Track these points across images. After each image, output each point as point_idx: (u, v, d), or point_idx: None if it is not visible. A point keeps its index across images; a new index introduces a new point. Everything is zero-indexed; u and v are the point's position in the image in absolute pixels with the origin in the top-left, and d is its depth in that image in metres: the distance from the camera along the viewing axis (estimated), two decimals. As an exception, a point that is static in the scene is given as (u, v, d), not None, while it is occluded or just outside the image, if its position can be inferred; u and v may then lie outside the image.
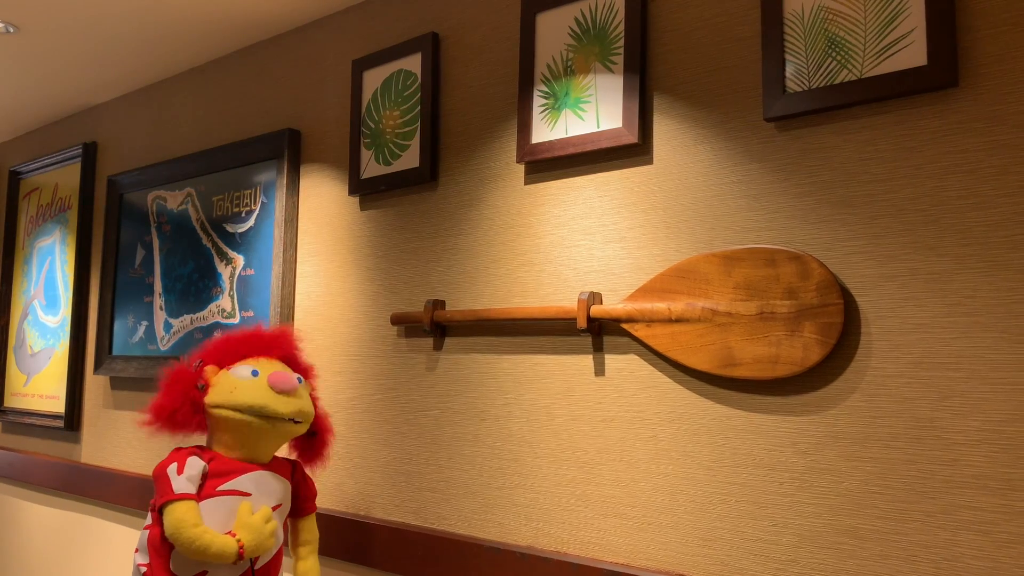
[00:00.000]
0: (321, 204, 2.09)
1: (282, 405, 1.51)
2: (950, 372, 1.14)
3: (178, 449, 1.51)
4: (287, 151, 2.14)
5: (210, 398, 1.52)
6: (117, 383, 2.67)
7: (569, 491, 1.52)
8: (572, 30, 1.59)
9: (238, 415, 1.49)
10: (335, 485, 1.94)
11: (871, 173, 1.23)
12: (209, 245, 2.35)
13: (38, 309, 3.04)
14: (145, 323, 2.54)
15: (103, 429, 2.70)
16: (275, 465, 1.58)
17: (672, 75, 1.47)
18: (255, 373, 1.52)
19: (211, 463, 1.49)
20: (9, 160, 3.38)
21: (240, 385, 1.50)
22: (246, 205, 2.25)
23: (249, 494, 1.50)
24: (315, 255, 2.09)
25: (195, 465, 1.47)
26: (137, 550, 1.52)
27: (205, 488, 1.47)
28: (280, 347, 1.60)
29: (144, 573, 1.47)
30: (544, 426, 1.58)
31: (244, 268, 2.22)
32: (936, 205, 1.17)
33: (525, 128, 1.63)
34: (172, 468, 1.45)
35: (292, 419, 1.52)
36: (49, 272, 3.01)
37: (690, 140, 1.43)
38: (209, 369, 1.55)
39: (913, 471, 1.16)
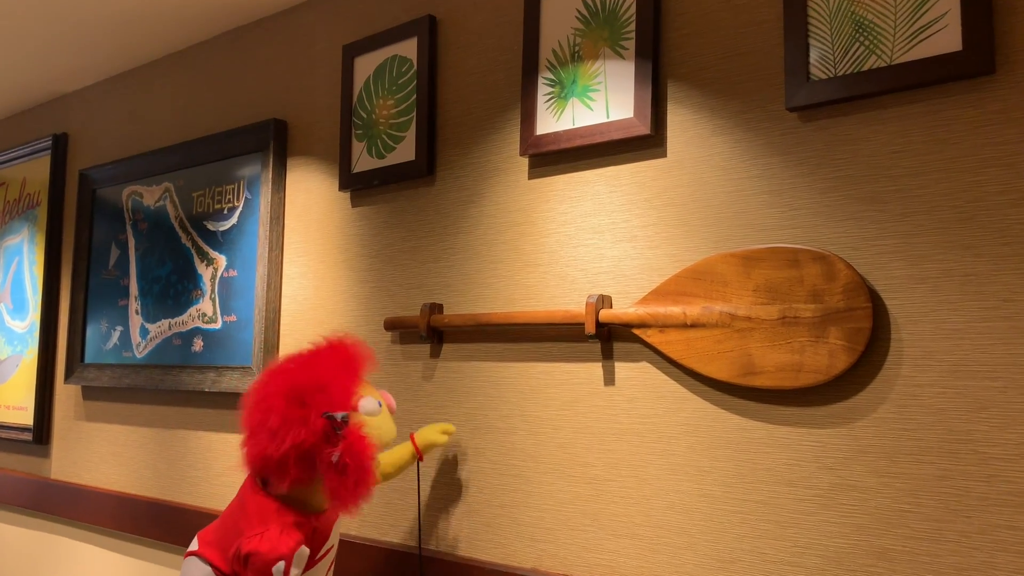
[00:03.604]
0: (309, 200, 2.11)
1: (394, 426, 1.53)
2: (987, 381, 1.15)
3: (278, 518, 1.39)
4: (273, 143, 2.15)
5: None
6: (89, 393, 2.68)
7: (576, 509, 1.53)
8: (580, 13, 1.60)
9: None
10: (324, 503, 1.95)
11: (902, 167, 1.24)
12: (189, 244, 2.36)
13: (4, 313, 3.06)
14: (120, 328, 2.56)
15: (74, 443, 2.71)
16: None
17: (687, 61, 1.48)
18: (380, 404, 1.49)
19: (310, 538, 1.44)
20: (-27, 153, 3.40)
21: (381, 424, 1.47)
22: (228, 201, 2.26)
23: (333, 546, 1.52)
24: (303, 255, 2.10)
25: (302, 559, 1.39)
26: None
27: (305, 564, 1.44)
28: (365, 367, 1.54)
29: None
30: (550, 439, 1.58)
31: (226, 269, 2.24)
32: (972, 201, 1.18)
33: (529, 118, 1.64)
34: (279, 568, 1.36)
35: None
36: (16, 273, 3.03)
37: (706, 131, 1.44)
38: (356, 420, 1.43)
39: (947, 488, 1.16)
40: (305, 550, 1.39)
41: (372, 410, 1.46)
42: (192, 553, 1.45)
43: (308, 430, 1.36)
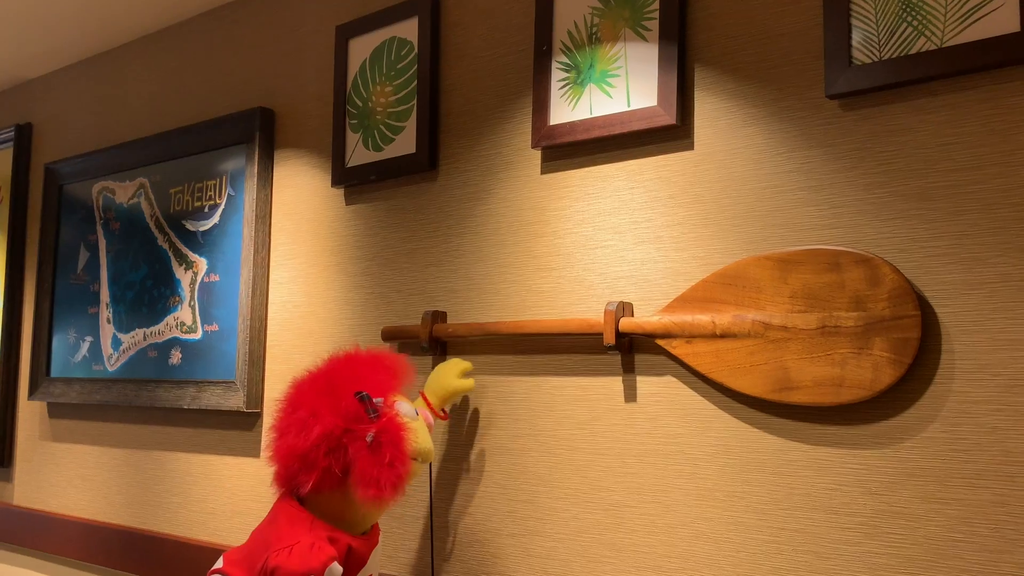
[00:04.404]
0: (299, 197, 2.13)
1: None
2: (1048, 397, 1.16)
3: (310, 530, 1.40)
4: (258, 134, 2.17)
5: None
6: (56, 410, 2.71)
7: (594, 539, 1.55)
8: (597, -10, 1.62)
9: (418, 465, 1.49)
10: (315, 532, 1.97)
11: (954, 160, 1.25)
12: (165, 246, 2.39)
13: (-38, 322, 3.09)
14: (89, 339, 2.58)
15: (39, 465, 2.74)
16: (376, 528, 1.56)
17: (717, 44, 1.49)
18: (416, 412, 1.51)
19: (344, 557, 1.45)
20: (-72, 145, 3.44)
21: (418, 429, 1.49)
22: (210, 198, 2.29)
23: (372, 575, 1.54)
24: (292, 258, 2.12)
25: (335, 574, 1.40)
26: None
27: None
28: (404, 376, 1.57)
29: None
30: (565, 461, 1.60)
31: (207, 273, 2.26)
32: (1031, 198, 1.19)
33: (542, 107, 1.66)
34: None
35: None
36: (-25, 278, 3.06)
37: (738, 121, 1.46)
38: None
39: (1003, 515, 1.17)
40: (338, 567, 1.39)
41: (408, 413, 1.48)
42: (215, 571, 1.47)
43: (338, 416, 1.39)
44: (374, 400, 1.41)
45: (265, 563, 1.37)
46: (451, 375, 1.67)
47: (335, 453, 1.39)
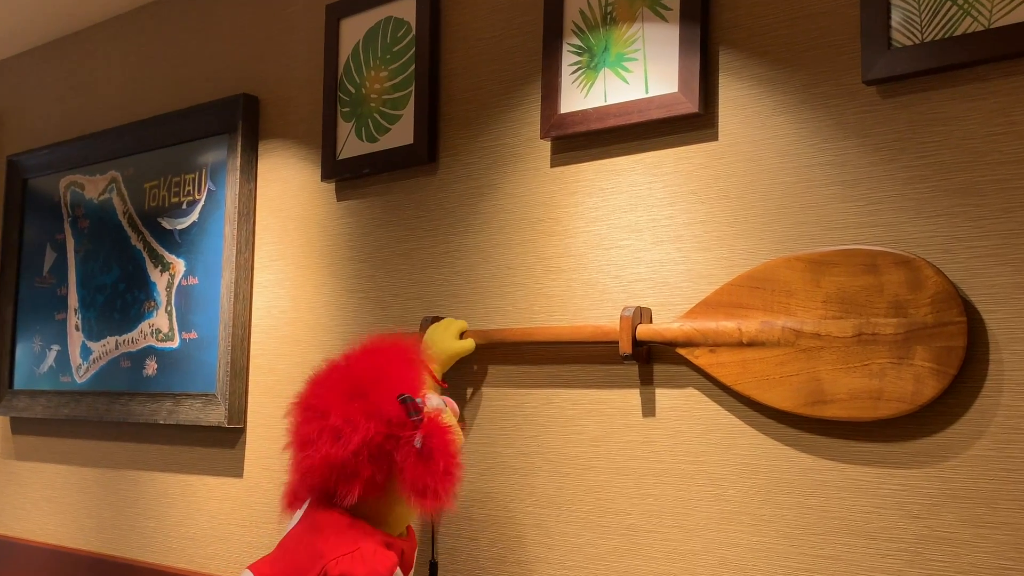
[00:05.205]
0: (286, 192, 2.14)
1: None
2: (1106, 411, 1.17)
3: (369, 536, 1.43)
4: (241, 123, 2.18)
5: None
6: (19, 426, 2.72)
7: (609, 567, 1.55)
8: (612, -34, 1.63)
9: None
10: (303, 559, 1.97)
11: (1003, 152, 1.26)
12: (140, 246, 2.40)
13: (-83, 329, 3.11)
14: (56, 348, 2.60)
15: (1, 486, 2.75)
16: (411, 529, 1.59)
17: (743, 24, 1.50)
18: (444, 405, 1.54)
19: (399, 560, 1.47)
20: None
21: (451, 423, 1.52)
22: (188, 194, 2.30)
23: None
24: (278, 259, 2.13)
25: None
26: None
27: None
28: (424, 362, 1.59)
29: None
30: (576, 482, 1.61)
31: (185, 276, 2.27)
32: (1087, 194, 1.20)
33: (551, 94, 1.67)
34: None
35: None
36: (-69, 281, 3.07)
37: (766, 109, 1.46)
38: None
39: (1058, 541, 1.18)
40: (400, 574, 1.42)
41: (440, 407, 1.50)
42: None
43: (380, 421, 1.40)
44: (417, 400, 1.43)
45: (324, 572, 1.38)
46: (449, 337, 1.68)
47: (378, 461, 1.40)
